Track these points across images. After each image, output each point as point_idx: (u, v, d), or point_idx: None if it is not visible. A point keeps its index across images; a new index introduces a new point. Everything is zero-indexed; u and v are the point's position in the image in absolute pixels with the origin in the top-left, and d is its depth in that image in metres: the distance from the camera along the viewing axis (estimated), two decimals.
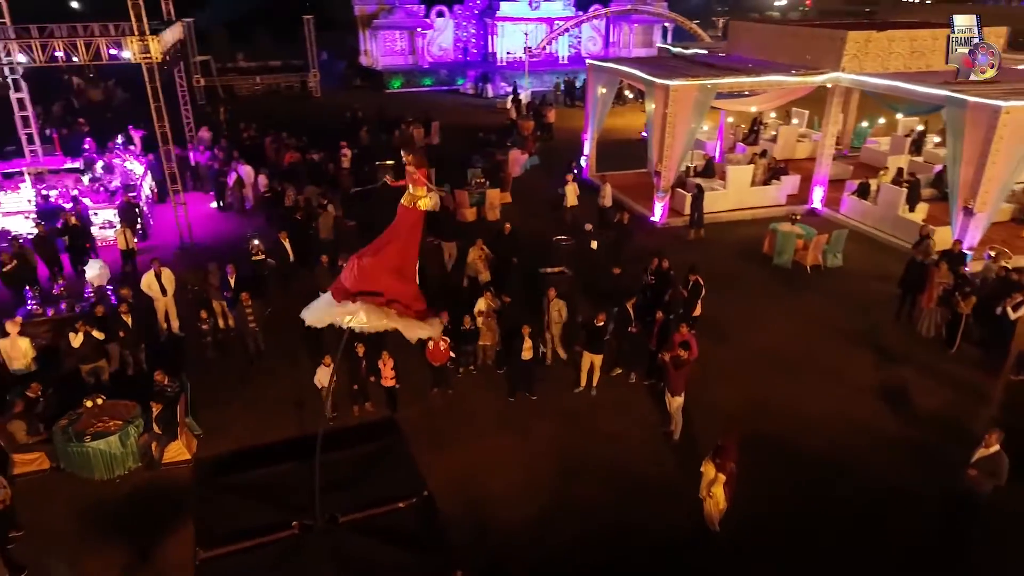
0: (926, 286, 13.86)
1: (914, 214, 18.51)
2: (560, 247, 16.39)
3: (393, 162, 24.03)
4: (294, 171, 22.10)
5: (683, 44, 30.45)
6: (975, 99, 15.70)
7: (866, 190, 19.67)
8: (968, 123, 15.88)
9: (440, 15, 44.73)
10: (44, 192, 18.45)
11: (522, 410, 12.00)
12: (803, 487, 10.30)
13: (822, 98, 20.32)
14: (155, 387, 10.77)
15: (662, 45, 32.99)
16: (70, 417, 10.45)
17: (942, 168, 20.16)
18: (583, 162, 24.11)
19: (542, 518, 9.78)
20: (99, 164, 20.44)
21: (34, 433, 10.13)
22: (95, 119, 29.18)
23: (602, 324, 11.86)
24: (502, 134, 27.99)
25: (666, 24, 45.44)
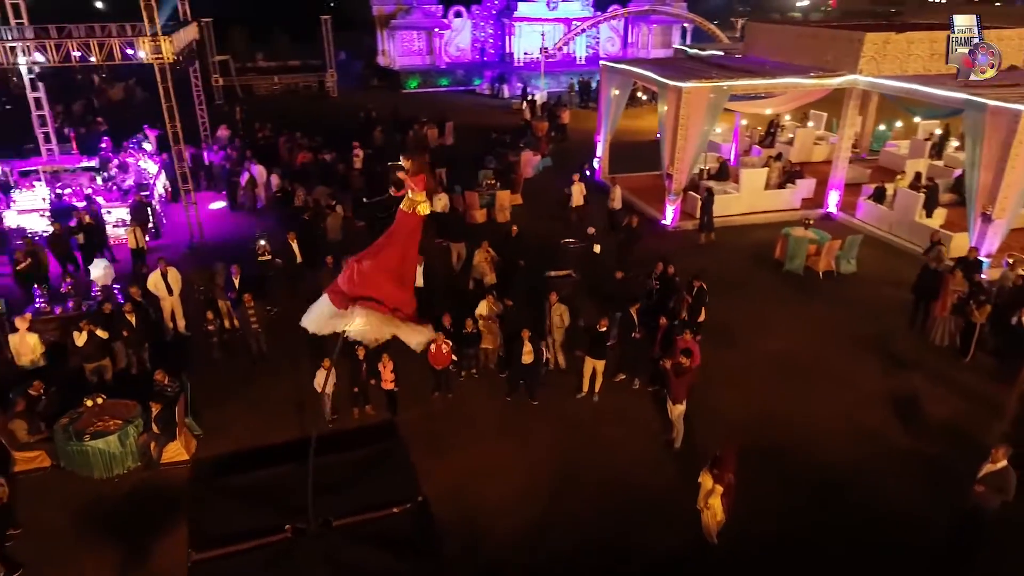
0: (940, 294, 13.56)
1: (931, 219, 18.15)
2: (568, 250, 16.27)
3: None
4: (306, 171, 22.19)
5: (699, 45, 30.19)
6: (995, 103, 15.35)
7: (882, 195, 19.31)
8: (988, 127, 15.53)
9: (458, 15, 44.73)
10: (57, 191, 18.64)
11: (522, 415, 11.89)
12: (806, 498, 10.09)
13: (841, 100, 19.98)
14: (155, 387, 10.82)
15: (678, 46, 32.77)
16: (71, 416, 10.52)
17: (962, 173, 19.73)
18: (596, 164, 23.95)
19: (538, 527, 9.66)
20: (114, 163, 20.61)
21: (35, 432, 10.19)
22: (115, 118, 29.51)
23: (605, 329, 11.73)
24: (516, 135, 27.88)
25: (685, 25, 45.13)
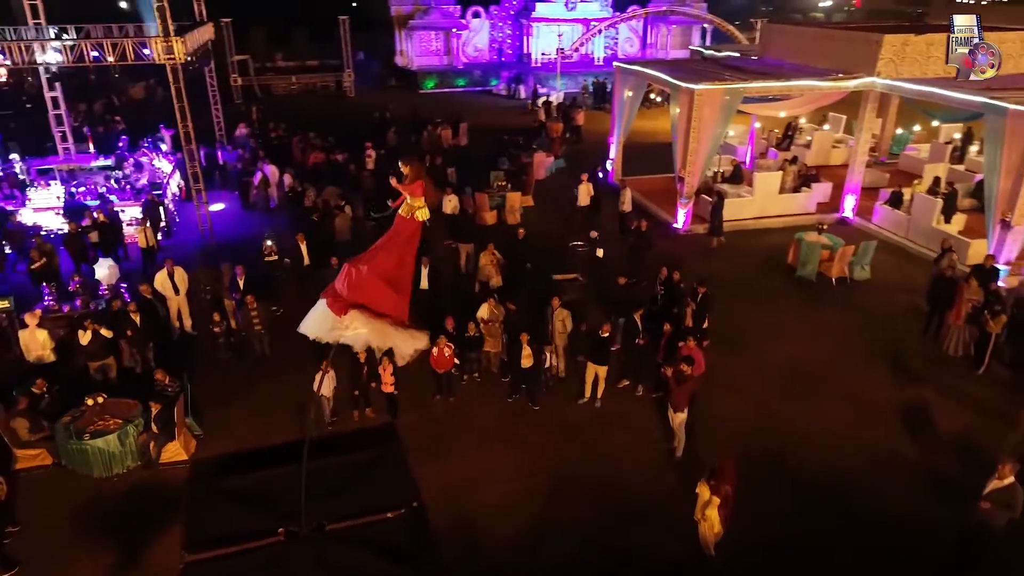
0: (954, 302, 13.24)
1: (949, 225, 17.76)
2: (576, 253, 16.12)
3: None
4: (318, 171, 22.26)
5: (716, 46, 29.86)
6: (1015, 107, 14.97)
7: (899, 199, 18.94)
8: (1008, 132, 15.16)
9: (476, 16, 44.70)
10: (71, 189, 18.85)
11: (523, 420, 11.78)
12: (808, 510, 9.88)
13: (860, 103, 19.61)
14: (155, 387, 10.86)
15: (694, 47, 32.42)
16: (72, 414, 10.58)
17: (982, 177, 19.29)
18: (609, 166, 23.76)
19: (535, 534, 9.56)
20: (129, 162, 20.81)
21: (36, 430, 10.26)
22: (135, 117, 29.80)
23: (607, 335, 11.58)
24: (529, 136, 27.78)
25: (705, 26, 44.72)
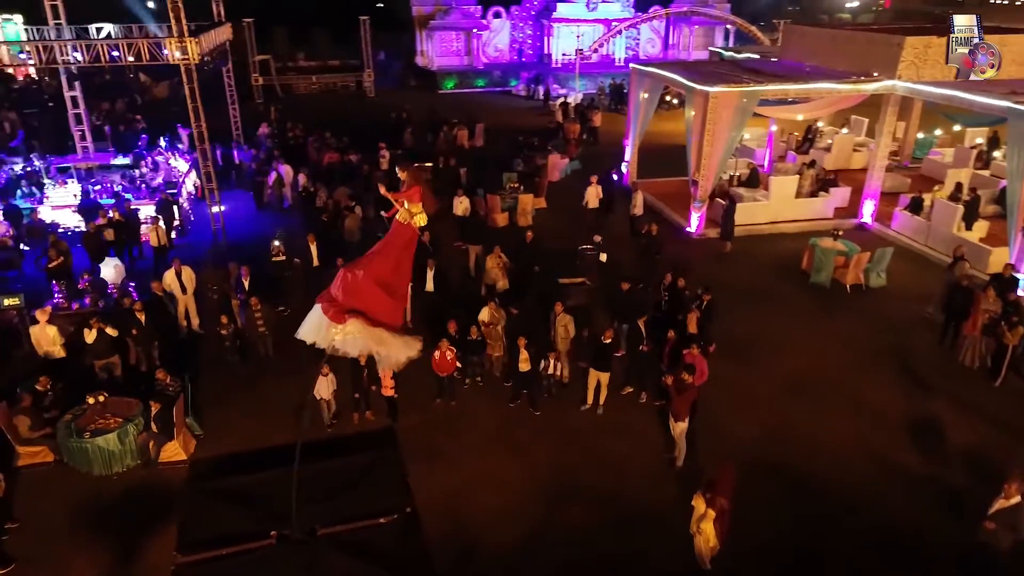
0: (970, 312, 12.88)
1: (971, 232, 17.31)
2: (585, 257, 15.95)
3: (431, 164, 24.04)
4: (332, 172, 22.32)
5: (736, 48, 29.47)
6: None
7: (919, 205, 18.51)
8: None
9: (497, 16, 44.63)
10: (88, 188, 19.07)
11: (524, 425, 11.66)
12: (810, 524, 9.65)
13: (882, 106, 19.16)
14: (156, 386, 10.91)
15: (713, 48, 32.02)
16: (74, 412, 10.67)
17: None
18: (624, 168, 23.55)
19: (530, 542, 9.45)
20: (147, 161, 21.03)
21: (38, 427, 10.35)
22: (158, 116, 30.07)
23: (609, 341, 11.42)
24: (545, 137, 27.64)
25: (728, 26, 44.22)
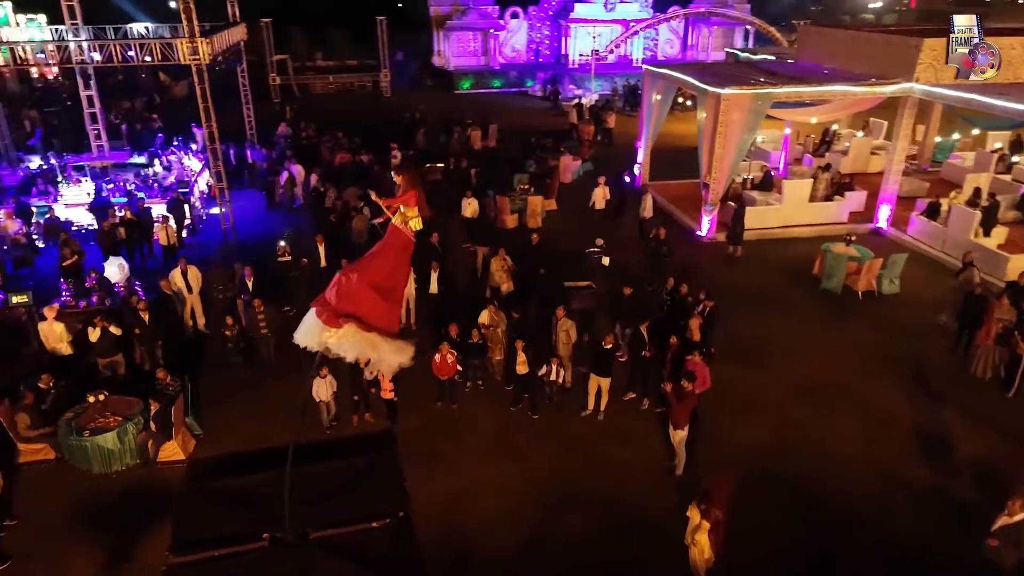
0: (984, 320, 12.57)
1: (989, 239, 16.92)
2: (591, 260, 15.79)
3: (442, 165, 24.02)
4: (343, 172, 22.36)
5: (757, 49, 29.13)
6: None
7: (936, 210, 18.14)
8: None
9: (514, 16, 44.56)
10: (101, 186, 19.26)
11: (523, 430, 11.56)
12: (812, 536, 9.47)
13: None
14: (156, 385, 10.95)
15: (729, 49, 31.68)
16: (76, 410, 10.74)
17: None
18: (636, 170, 23.35)
19: (528, 548, 9.37)
20: (157, 160, 21.21)
21: (38, 425, 10.42)
22: (176, 115, 30.34)
23: (610, 346, 11.29)
24: (559, 138, 27.51)
25: (747, 27, 43.76)
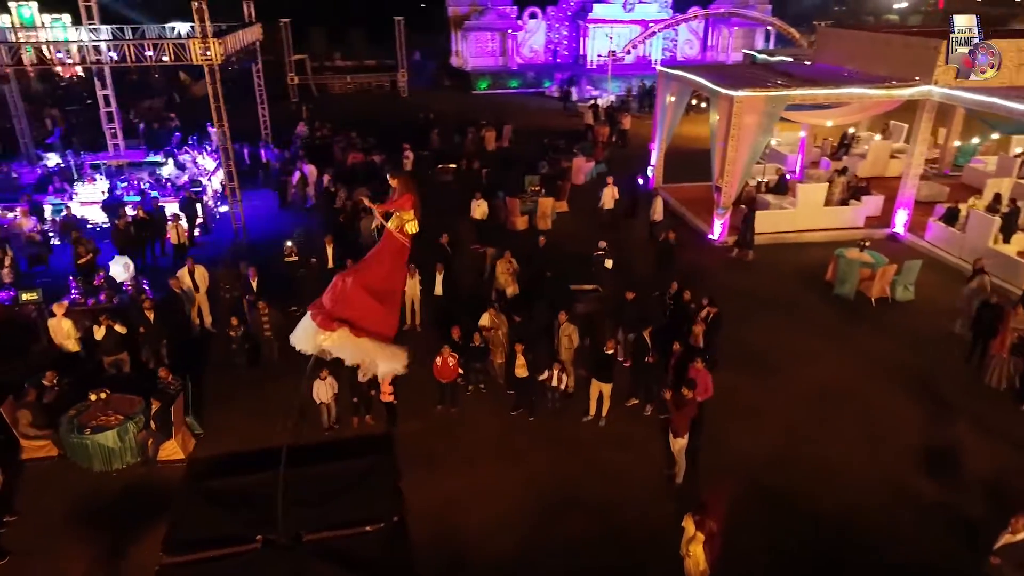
0: (999, 330, 12.25)
1: (1008, 246, 16.51)
2: (598, 263, 15.64)
3: (455, 166, 23.99)
4: (355, 172, 22.39)
5: (777, 50, 28.77)
6: None
7: (955, 216, 17.75)
8: None
9: (533, 17, 44.47)
10: (116, 184, 19.45)
11: (523, 434, 11.46)
12: (811, 549, 9.27)
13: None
14: (158, 384, 11.00)
15: (747, 51, 31.32)
16: (79, 408, 10.82)
17: None
18: (650, 172, 23.14)
19: (521, 555, 9.28)
20: (171, 159, 21.40)
21: (39, 422, 10.49)
22: (195, 114, 30.58)
23: (611, 352, 11.15)
24: (573, 140, 27.36)
25: (768, 28, 43.28)
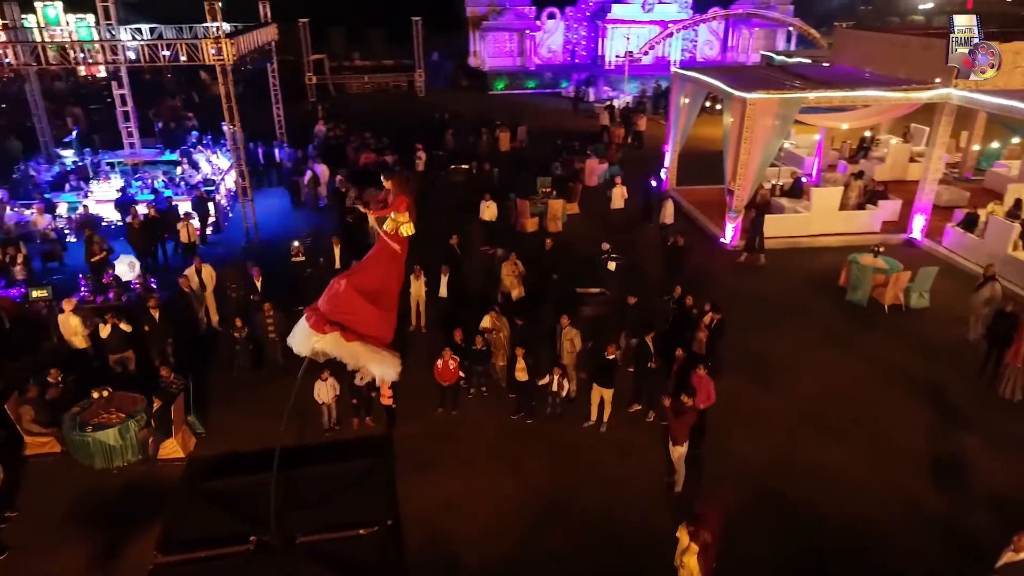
0: (1013, 339, 11.95)
1: None
2: (606, 266, 15.52)
3: (467, 166, 23.95)
4: (367, 172, 22.42)
5: (786, 52, 28.41)
6: None
7: (974, 222, 17.36)
8: None
9: (551, 17, 44.34)
10: (130, 183, 19.65)
11: (523, 439, 11.37)
12: (815, 562, 9.08)
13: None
14: (160, 383, 11.06)
15: (764, 52, 30.96)
16: (82, 405, 10.92)
17: None
18: (663, 174, 22.94)
19: (515, 561, 9.20)
20: (186, 159, 21.58)
21: (42, 419, 10.60)
22: (214, 114, 30.80)
23: (612, 357, 11.02)
24: (587, 141, 27.21)
25: (790, 28, 42.75)
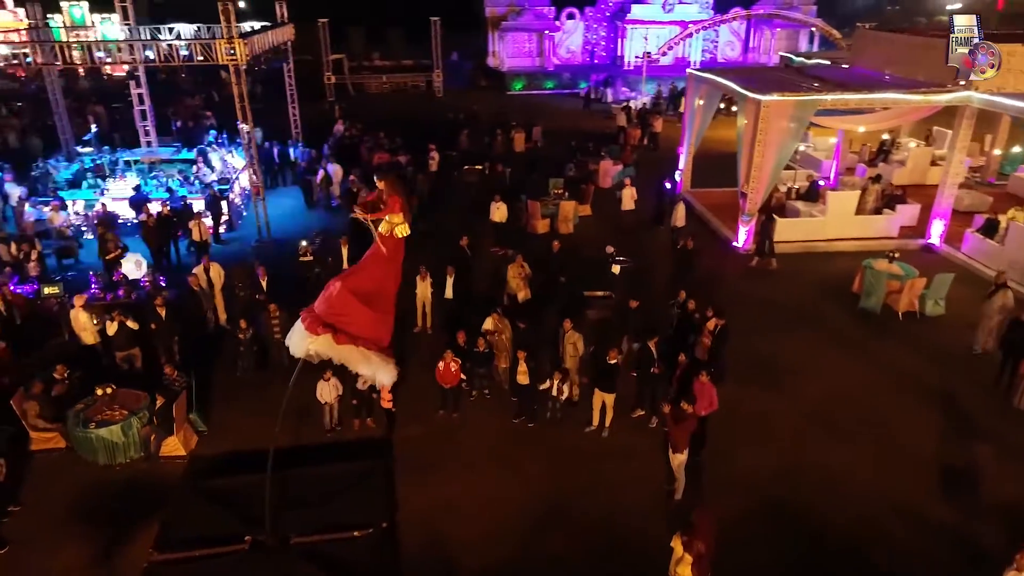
0: None
1: None
2: (609, 267, 15.38)
3: (480, 167, 23.92)
4: (380, 172, 22.45)
5: (805, 53, 28.03)
6: None
7: (994, 228, 16.98)
8: None
9: (570, 17, 44.21)
10: (146, 181, 19.86)
11: (523, 443, 11.29)
12: (810, 571, 8.89)
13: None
14: (163, 380, 11.14)
15: (783, 54, 30.58)
16: (86, 402, 11.02)
17: None
18: (678, 176, 22.74)
19: (514, 565, 9.13)
20: (202, 157, 21.78)
21: (46, 414, 10.71)
22: (233, 113, 31.06)
23: (614, 361, 10.90)
24: (603, 142, 27.06)
25: (812, 29, 42.21)
